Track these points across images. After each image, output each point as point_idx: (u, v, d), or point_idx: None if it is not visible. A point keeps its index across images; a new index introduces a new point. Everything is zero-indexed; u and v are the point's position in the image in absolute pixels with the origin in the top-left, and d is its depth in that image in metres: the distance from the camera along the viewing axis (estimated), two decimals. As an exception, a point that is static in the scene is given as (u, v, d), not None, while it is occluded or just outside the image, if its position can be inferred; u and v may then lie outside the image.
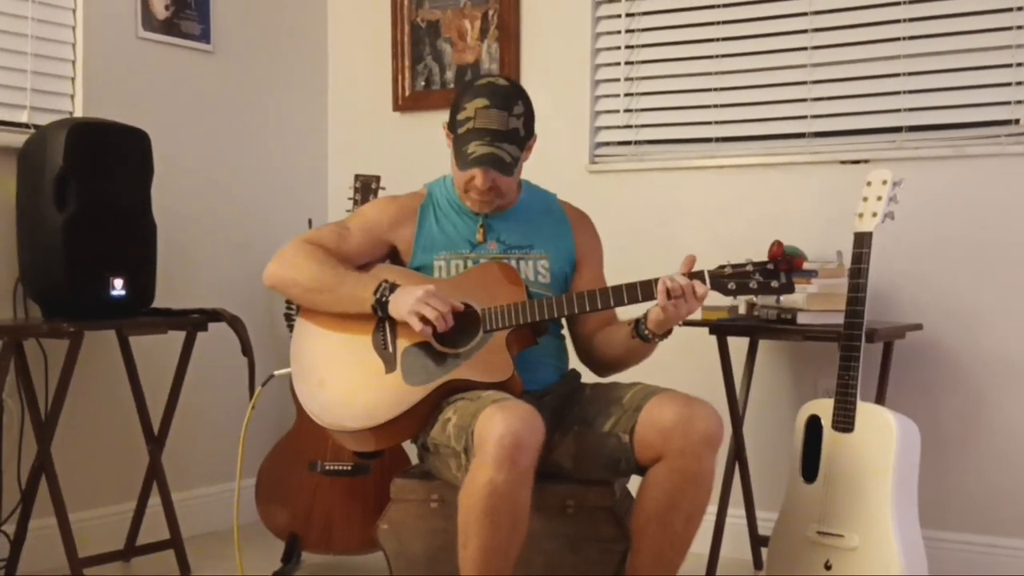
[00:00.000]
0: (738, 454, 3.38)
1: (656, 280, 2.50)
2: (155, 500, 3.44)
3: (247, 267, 3.84)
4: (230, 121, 4.04)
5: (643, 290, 2.52)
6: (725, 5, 3.72)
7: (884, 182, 2.88)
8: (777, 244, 2.53)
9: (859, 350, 2.85)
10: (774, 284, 2.50)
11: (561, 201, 2.91)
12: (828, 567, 2.85)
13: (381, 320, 2.66)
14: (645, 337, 2.61)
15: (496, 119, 2.63)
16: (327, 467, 3.35)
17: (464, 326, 2.61)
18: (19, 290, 3.27)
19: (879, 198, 2.87)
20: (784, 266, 2.50)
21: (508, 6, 4.05)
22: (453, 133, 2.69)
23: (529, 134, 2.71)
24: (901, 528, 2.78)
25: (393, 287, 2.62)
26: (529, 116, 2.70)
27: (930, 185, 3.34)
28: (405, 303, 2.58)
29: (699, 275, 2.51)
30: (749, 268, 2.51)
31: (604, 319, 2.77)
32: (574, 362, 2.85)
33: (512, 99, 2.67)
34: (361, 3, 4.36)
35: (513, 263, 2.73)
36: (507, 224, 2.79)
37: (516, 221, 2.80)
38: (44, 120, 3.34)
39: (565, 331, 2.85)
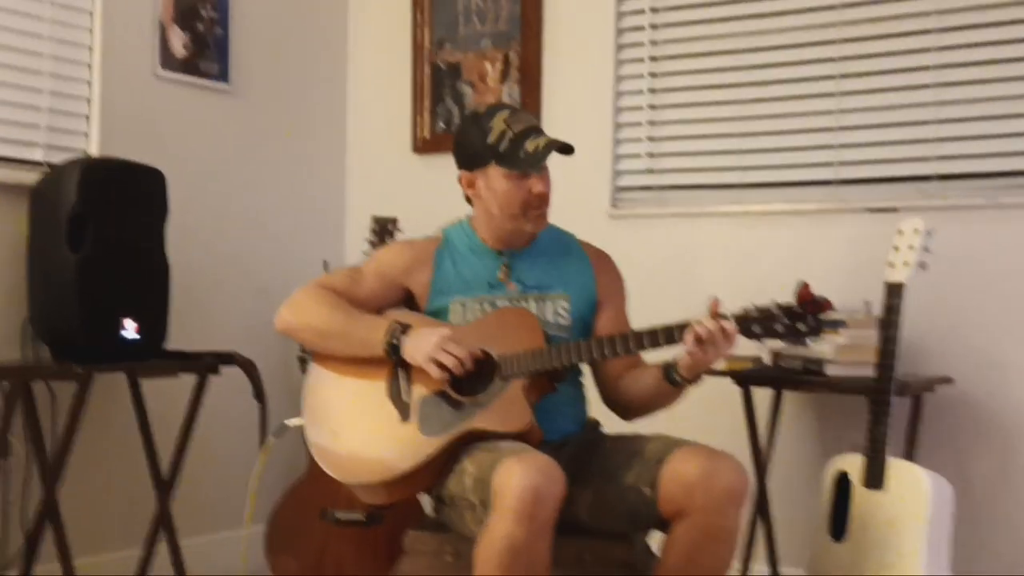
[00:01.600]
0: (762, 509, 3.29)
1: (684, 324, 2.41)
2: (162, 546, 3.37)
3: (262, 309, 3.78)
4: (247, 161, 4.00)
5: (664, 336, 2.44)
6: (751, 50, 3.67)
7: (916, 231, 2.82)
8: (804, 285, 2.43)
9: (890, 404, 2.77)
10: (801, 327, 2.39)
11: (580, 240, 2.84)
12: (856, 629, 2.75)
13: (395, 366, 2.59)
14: (675, 382, 2.53)
15: (528, 117, 2.65)
16: (339, 516, 3.28)
17: (481, 373, 2.54)
18: (27, 330, 3.22)
19: (911, 247, 2.81)
20: (812, 308, 2.41)
21: (530, 48, 4.02)
22: (493, 157, 2.59)
23: None
24: (933, 590, 2.69)
25: (405, 328, 2.56)
26: None
27: (961, 234, 3.27)
28: (422, 349, 2.51)
29: (724, 317, 2.43)
30: (775, 311, 2.42)
31: (631, 361, 2.69)
32: (597, 406, 2.77)
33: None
34: (381, 44, 4.35)
35: (532, 304, 2.66)
36: (526, 264, 2.72)
37: (535, 260, 2.73)
38: (59, 158, 3.31)
39: (583, 378, 2.78)
